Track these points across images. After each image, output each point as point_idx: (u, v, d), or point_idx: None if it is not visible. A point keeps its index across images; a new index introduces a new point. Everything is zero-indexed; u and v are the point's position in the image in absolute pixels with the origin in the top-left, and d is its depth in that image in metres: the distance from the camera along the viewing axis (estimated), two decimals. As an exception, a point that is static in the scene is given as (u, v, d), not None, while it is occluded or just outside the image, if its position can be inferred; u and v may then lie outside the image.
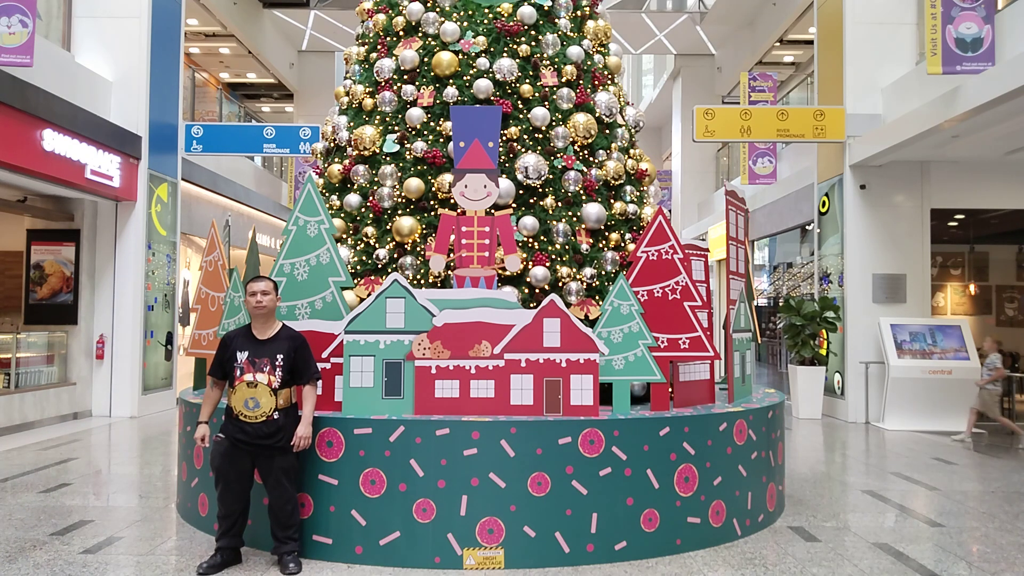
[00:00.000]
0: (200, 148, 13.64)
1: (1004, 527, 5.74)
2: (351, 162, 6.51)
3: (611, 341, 5.11)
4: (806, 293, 14.38)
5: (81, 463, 7.97)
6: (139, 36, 11.64)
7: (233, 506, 4.63)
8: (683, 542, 4.97)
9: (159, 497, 6.48)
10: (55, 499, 6.36)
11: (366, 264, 6.16)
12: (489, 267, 5.39)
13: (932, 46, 9.28)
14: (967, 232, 13.48)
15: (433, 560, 4.67)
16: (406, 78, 6.52)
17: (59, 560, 4.80)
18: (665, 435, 4.95)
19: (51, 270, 11.31)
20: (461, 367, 4.98)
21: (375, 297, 5.04)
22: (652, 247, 5.37)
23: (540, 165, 6.09)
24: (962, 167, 11.37)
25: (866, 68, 11.57)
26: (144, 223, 11.64)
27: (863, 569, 4.77)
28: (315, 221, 5.31)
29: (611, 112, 6.62)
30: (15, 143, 8.95)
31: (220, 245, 6.18)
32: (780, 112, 11.48)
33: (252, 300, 4.67)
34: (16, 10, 8.80)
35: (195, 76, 16.77)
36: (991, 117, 8.78)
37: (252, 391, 4.55)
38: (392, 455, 4.73)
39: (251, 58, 18.52)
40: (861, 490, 6.93)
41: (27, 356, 10.55)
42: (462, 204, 5.50)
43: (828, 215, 12.22)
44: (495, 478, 4.69)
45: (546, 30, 6.64)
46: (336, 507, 4.78)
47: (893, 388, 10.76)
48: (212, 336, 5.97)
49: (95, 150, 10.44)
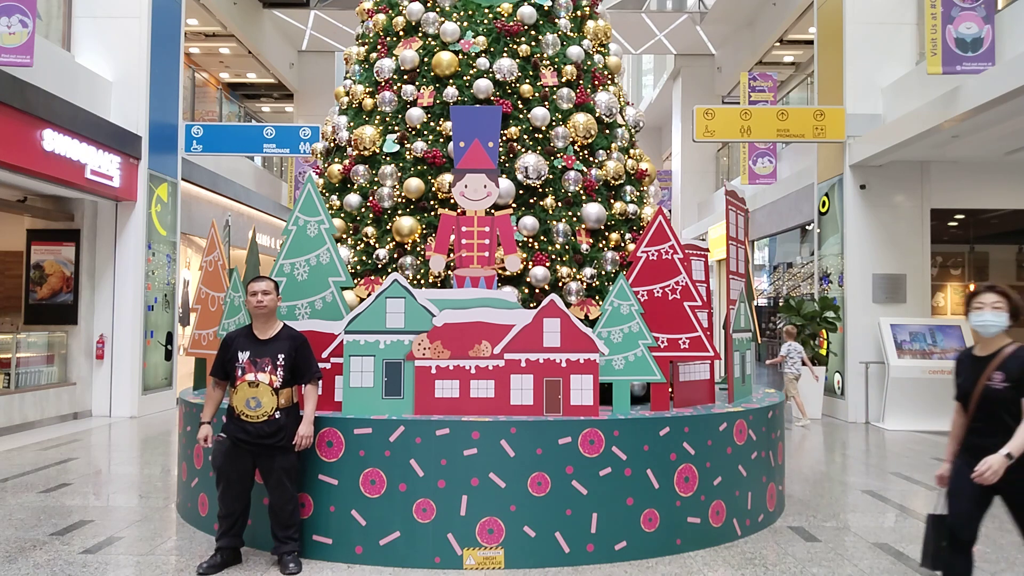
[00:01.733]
0: (200, 148, 13.65)
1: (1004, 527, 5.72)
2: (351, 162, 6.51)
3: (611, 341, 5.11)
4: (806, 293, 14.39)
5: (81, 463, 7.98)
6: (139, 36, 11.64)
7: (233, 506, 4.63)
8: (683, 542, 4.97)
9: (159, 497, 6.48)
10: (55, 499, 6.36)
11: (366, 264, 6.16)
12: (489, 267, 5.39)
13: (932, 46, 9.28)
14: (967, 232, 13.48)
15: (433, 560, 4.67)
16: (406, 78, 6.52)
17: (59, 560, 4.80)
18: (665, 435, 4.95)
19: (51, 270, 11.31)
20: (461, 367, 4.98)
21: (375, 297, 5.04)
22: (652, 247, 5.37)
23: (540, 165, 6.09)
24: (962, 167, 11.37)
25: (866, 68, 11.56)
26: (144, 223, 11.64)
27: (863, 569, 4.77)
28: (315, 221, 5.31)
29: (611, 112, 6.62)
30: (15, 143, 8.95)
31: (220, 245, 6.18)
32: (780, 112, 11.48)
33: (253, 300, 4.67)
34: (16, 10, 8.80)
35: (195, 76, 16.77)
36: (991, 117, 8.79)
37: (253, 391, 4.55)
38: (392, 455, 4.73)
39: (251, 58, 18.52)
40: (861, 490, 6.93)
41: (27, 356, 10.55)
42: (462, 204, 5.50)
43: (828, 215, 12.22)
44: (495, 478, 4.69)
45: (546, 30, 6.64)
46: (336, 507, 4.78)
47: (893, 388, 10.76)
48: (212, 336, 5.96)
49: (95, 150, 10.44)
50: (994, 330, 3.64)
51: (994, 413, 3.59)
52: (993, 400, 3.59)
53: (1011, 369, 3.55)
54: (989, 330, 3.65)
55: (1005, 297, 3.64)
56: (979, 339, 3.73)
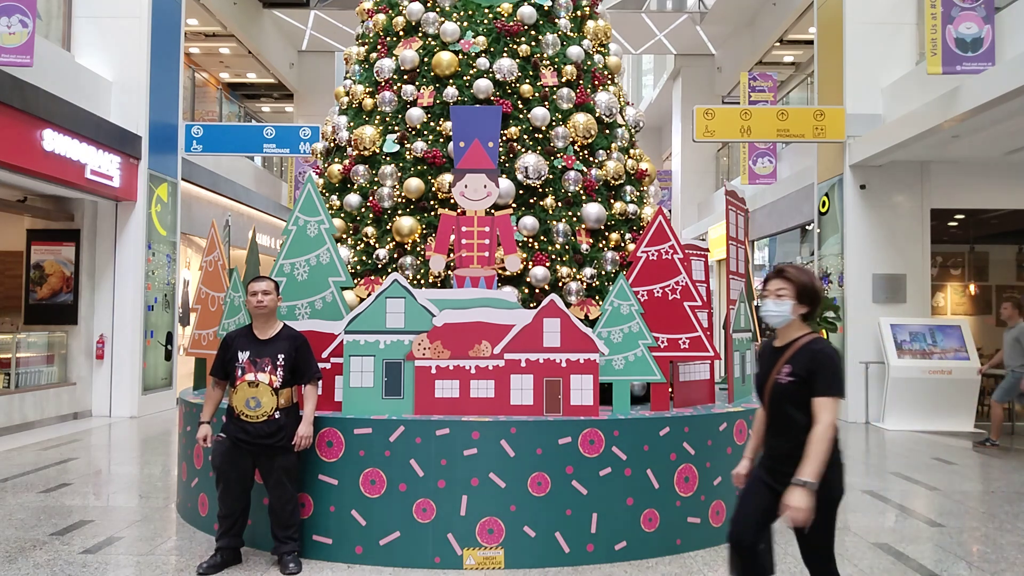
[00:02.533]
0: (200, 148, 13.65)
1: (1004, 527, 5.73)
2: (351, 162, 6.51)
3: (611, 341, 5.11)
4: (806, 293, 14.35)
5: (81, 463, 7.98)
6: (139, 36, 11.63)
7: (233, 506, 4.63)
8: (683, 542, 4.97)
9: (159, 497, 6.48)
10: (55, 499, 6.36)
11: (366, 264, 6.16)
12: (489, 267, 5.39)
13: (932, 46, 9.28)
14: (967, 232, 13.48)
15: (433, 560, 4.67)
16: (406, 78, 6.52)
17: (59, 560, 4.80)
18: (665, 435, 4.95)
19: (51, 270, 11.32)
20: (461, 367, 4.98)
21: (375, 297, 5.04)
22: (652, 247, 5.37)
23: (540, 165, 6.09)
24: (962, 167, 11.37)
25: (866, 68, 11.56)
26: (144, 223, 11.64)
27: (863, 569, 4.77)
28: (315, 221, 5.31)
29: (611, 112, 6.62)
30: (15, 143, 8.95)
31: (220, 245, 6.18)
32: (780, 112, 11.48)
33: (253, 300, 4.67)
34: (16, 10, 8.80)
35: (195, 76, 16.77)
36: (991, 117, 8.78)
37: (253, 391, 4.55)
38: (392, 455, 4.73)
39: (251, 58, 18.52)
40: (861, 490, 6.93)
41: (27, 356, 10.55)
42: (462, 204, 5.50)
43: (828, 215, 12.22)
44: (495, 478, 4.69)
45: (546, 30, 6.64)
46: (336, 507, 4.78)
47: (893, 388, 10.76)
48: (212, 336, 5.96)
49: (95, 150, 10.44)
50: (778, 320, 3.27)
51: (781, 409, 3.25)
52: (780, 395, 3.23)
53: (799, 362, 3.17)
54: (774, 320, 3.28)
55: (789, 282, 3.26)
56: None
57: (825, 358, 3.14)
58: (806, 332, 3.27)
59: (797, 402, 3.16)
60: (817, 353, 3.16)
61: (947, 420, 10.38)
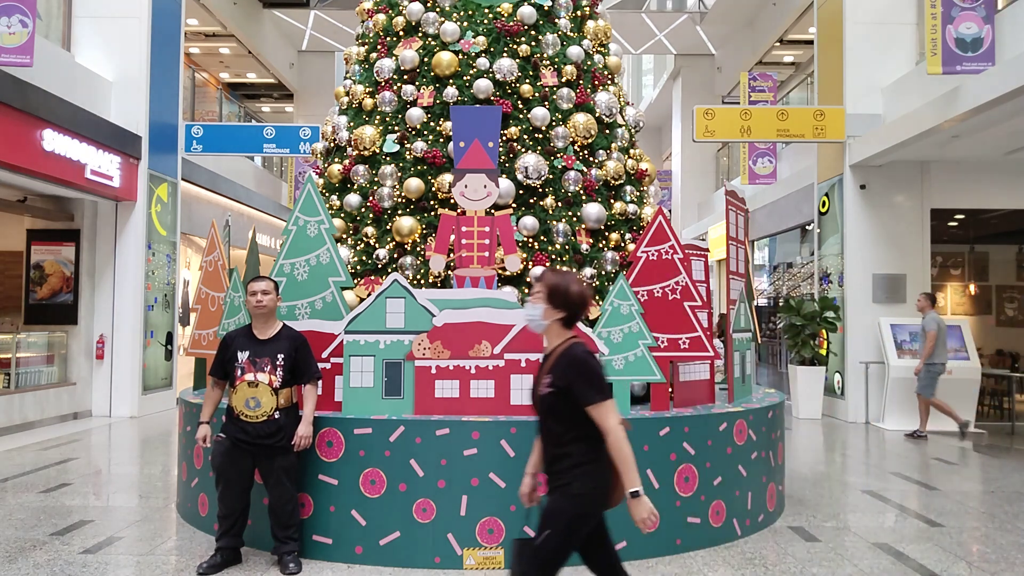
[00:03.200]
0: (200, 148, 13.64)
1: (1004, 527, 5.73)
2: (351, 162, 6.51)
3: (611, 341, 5.11)
4: (806, 293, 14.38)
5: (81, 463, 7.97)
6: (139, 36, 11.63)
7: (233, 506, 4.63)
8: (683, 542, 4.97)
9: (159, 497, 6.48)
10: (55, 499, 6.36)
11: (366, 264, 6.16)
12: (489, 267, 5.39)
13: (932, 46, 9.28)
14: (967, 232, 13.47)
15: (433, 560, 4.67)
16: (406, 78, 6.52)
17: (59, 560, 4.80)
18: (665, 435, 4.95)
19: (51, 270, 11.31)
20: (461, 367, 4.98)
21: (375, 297, 5.04)
22: (652, 247, 5.37)
23: (540, 165, 6.09)
24: (962, 167, 11.37)
25: (866, 68, 11.56)
26: (144, 223, 11.64)
27: (863, 569, 4.77)
28: (315, 221, 5.31)
29: (611, 112, 6.62)
30: (15, 143, 8.95)
31: (220, 245, 6.18)
32: (780, 112, 11.47)
33: (252, 300, 4.67)
34: (16, 10, 8.80)
35: (195, 76, 16.76)
36: (991, 117, 8.78)
37: (253, 391, 4.55)
38: (392, 455, 4.73)
39: (251, 58, 18.52)
40: (861, 490, 6.93)
41: (27, 356, 10.54)
42: (462, 204, 5.50)
43: (828, 215, 12.22)
44: (495, 478, 4.69)
45: (546, 30, 6.64)
46: (336, 507, 4.78)
47: (893, 388, 10.75)
48: (212, 336, 5.96)
49: (95, 150, 10.44)
50: (534, 324, 3.08)
51: (544, 419, 3.06)
52: (542, 406, 3.05)
53: (556, 372, 2.99)
54: (531, 325, 3.10)
55: (542, 284, 3.05)
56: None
57: (579, 364, 2.97)
58: (566, 338, 3.06)
59: (557, 413, 3.00)
60: (571, 360, 2.98)
61: (947, 420, 10.37)
